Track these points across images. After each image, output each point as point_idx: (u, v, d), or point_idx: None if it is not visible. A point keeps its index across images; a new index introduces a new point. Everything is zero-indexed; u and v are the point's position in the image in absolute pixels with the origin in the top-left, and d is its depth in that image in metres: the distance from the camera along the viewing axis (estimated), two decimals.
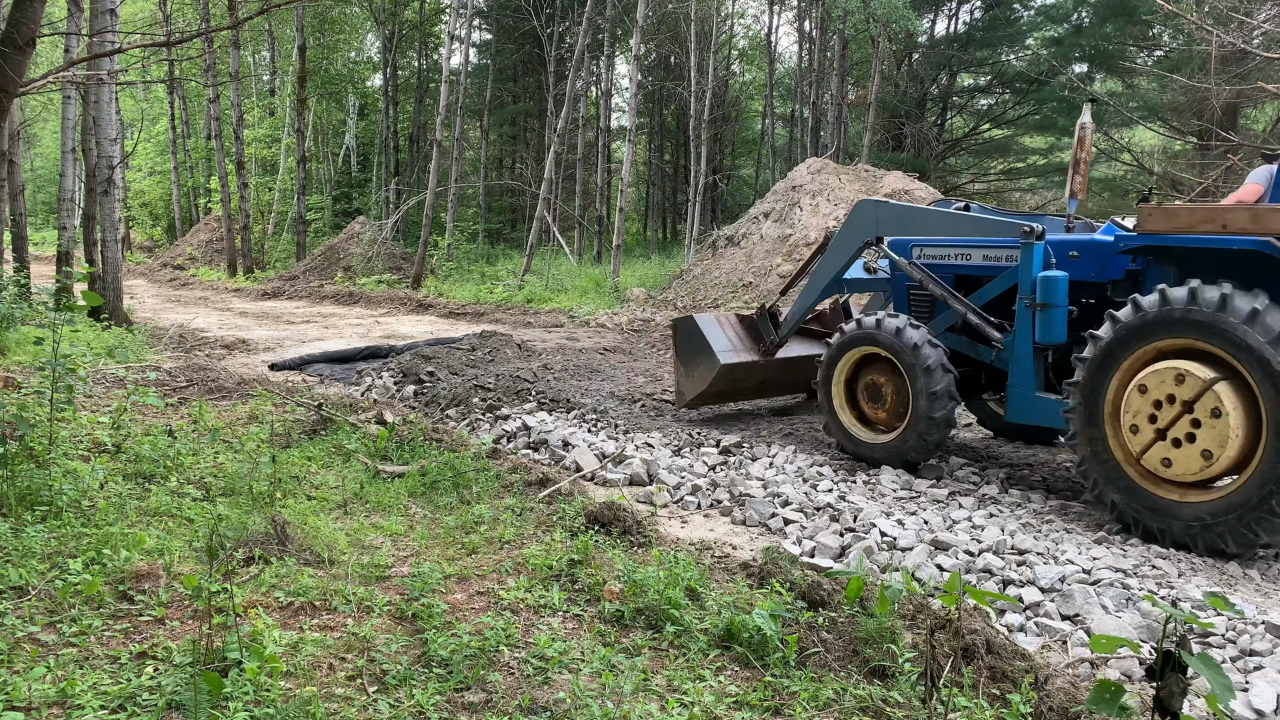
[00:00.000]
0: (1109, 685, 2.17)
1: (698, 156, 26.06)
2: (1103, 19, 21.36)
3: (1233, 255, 4.91)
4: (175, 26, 28.34)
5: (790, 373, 8.08)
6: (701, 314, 8.20)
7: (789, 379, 8.23)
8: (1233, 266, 4.93)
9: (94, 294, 5.53)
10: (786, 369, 8.00)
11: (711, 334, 7.73)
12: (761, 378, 8.04)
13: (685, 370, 7.99)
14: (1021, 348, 5.92)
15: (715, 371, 7.59)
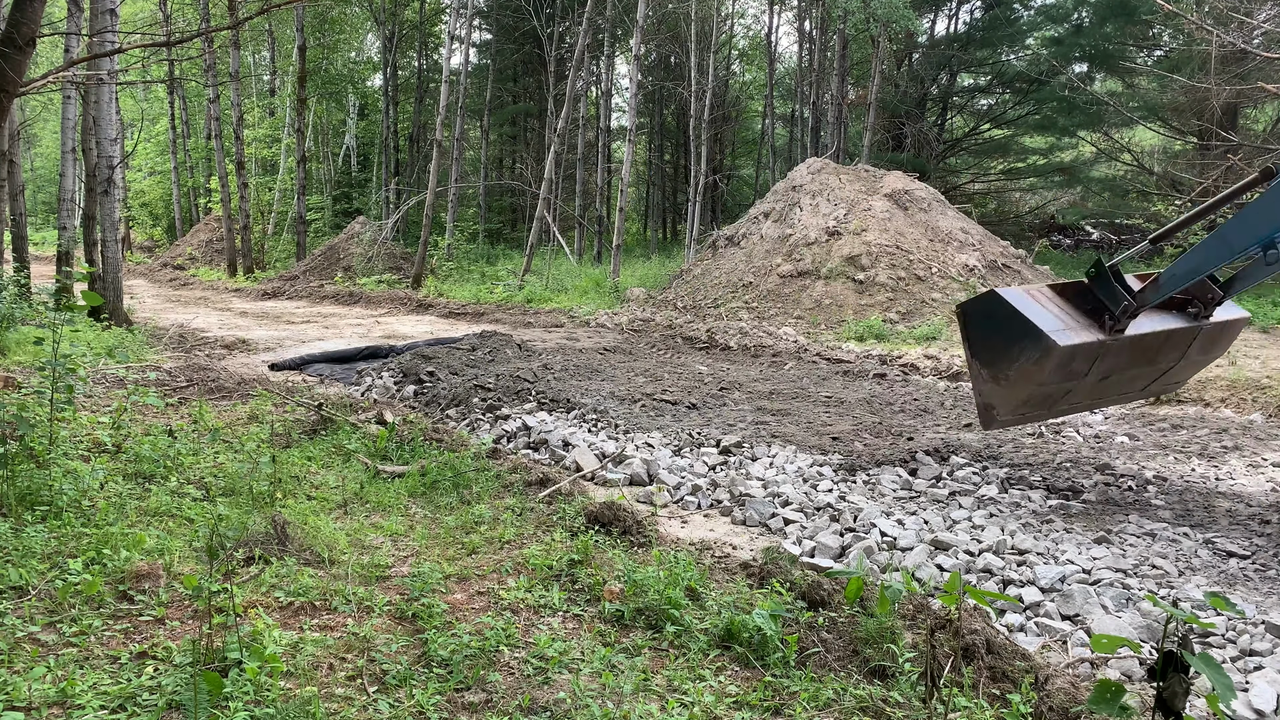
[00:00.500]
0: (1109, 685, 2.17)
1: (698, 156, 26.06)
2: (1103, 19, 21.35)
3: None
4: (175, 26, 28.34)
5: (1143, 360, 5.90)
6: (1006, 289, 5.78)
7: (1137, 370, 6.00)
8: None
9: (94, 294, 5.53)
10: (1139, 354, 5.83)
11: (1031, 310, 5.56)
12: (1105, 369, 5.82)
13: (991, 369, 5.82)
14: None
15: (1053, 359, 5.40)
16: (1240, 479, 6.56)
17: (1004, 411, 5.97)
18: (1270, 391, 8.78)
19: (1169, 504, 5.89)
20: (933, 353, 11.97)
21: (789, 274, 16.12)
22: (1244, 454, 7.23)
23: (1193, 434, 7.92)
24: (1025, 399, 5.79)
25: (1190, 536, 5.09)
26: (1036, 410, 6.08)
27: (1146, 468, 6.77)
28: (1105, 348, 5.63)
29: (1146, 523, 5.31)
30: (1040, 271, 16.79)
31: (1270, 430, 7.98)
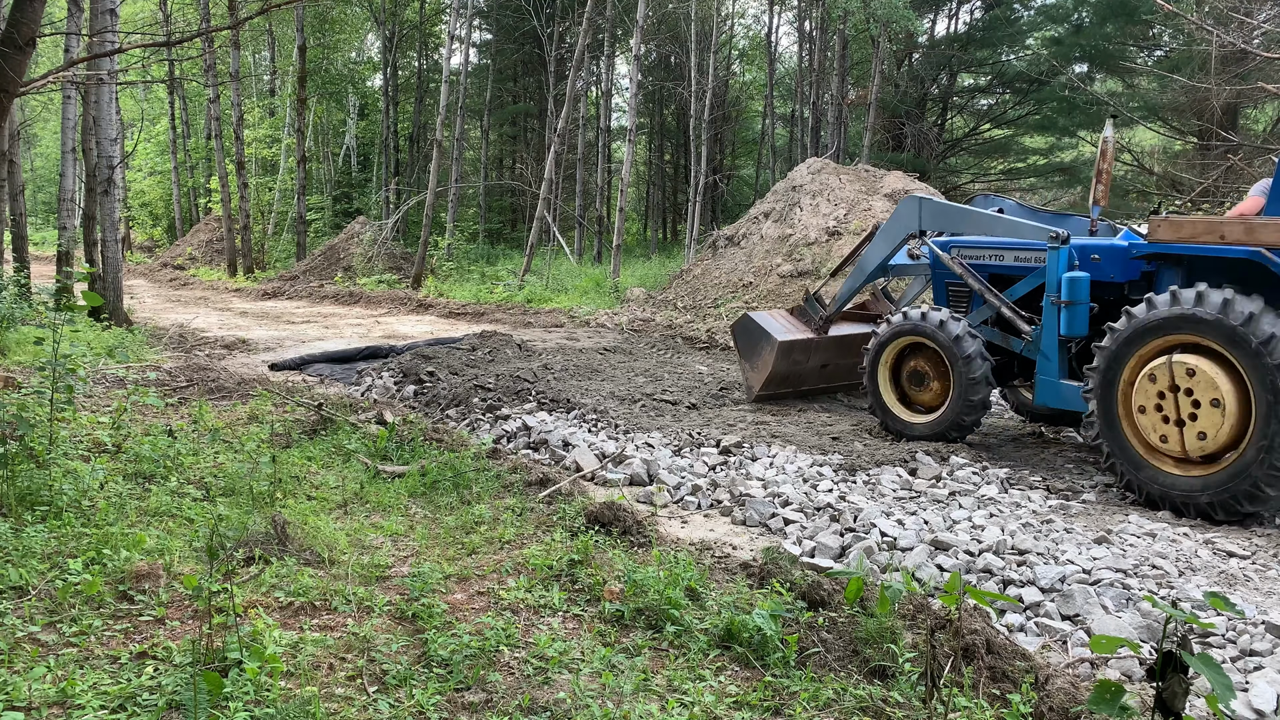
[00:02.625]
0: (1109, 685, 2.17)
1: (698, 156, 26.06)
2: (1103, 19, 21.34)
3: (1230, 263, 5.63)
4: (175, 26, 28.34)
5: (847, 353, 8.53)
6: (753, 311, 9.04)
7: (848, 360, 8.57)
8: (1231, 272, 5.63)
9: (94, 294, 5.53)
10: (843, 348, 8.54)
11: (767, 323, 8.52)
12: (821, 359, 8.61)
13: (749, 363, 8.68)
14: (1048, 340, 6.58)
15: (775, 350, 8.24)
16: None
17: (759, 388, 8.62)
18: None
19: None
20: None
21: (789, 274, 16.12)
22: None
23: None
24: (769, 378, 8.46)
25: (1190, 536, 5.09)
26: (781, 387, 8.66)
27: None
28: (815, 343, 8.51)
29: (1146, 523, 5.31)
30: None
31: None
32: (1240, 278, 5.55)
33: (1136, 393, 5.72)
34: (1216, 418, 5.34)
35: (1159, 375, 5.58)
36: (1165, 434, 5.58)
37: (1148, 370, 5.65)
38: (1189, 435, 5.46)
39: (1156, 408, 5.60)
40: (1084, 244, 6.62)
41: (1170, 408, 5.53)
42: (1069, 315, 6.29)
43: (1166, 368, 5.54)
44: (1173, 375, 5.52)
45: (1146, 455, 5.72)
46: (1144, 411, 5.67)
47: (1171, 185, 18.78)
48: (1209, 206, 14.51)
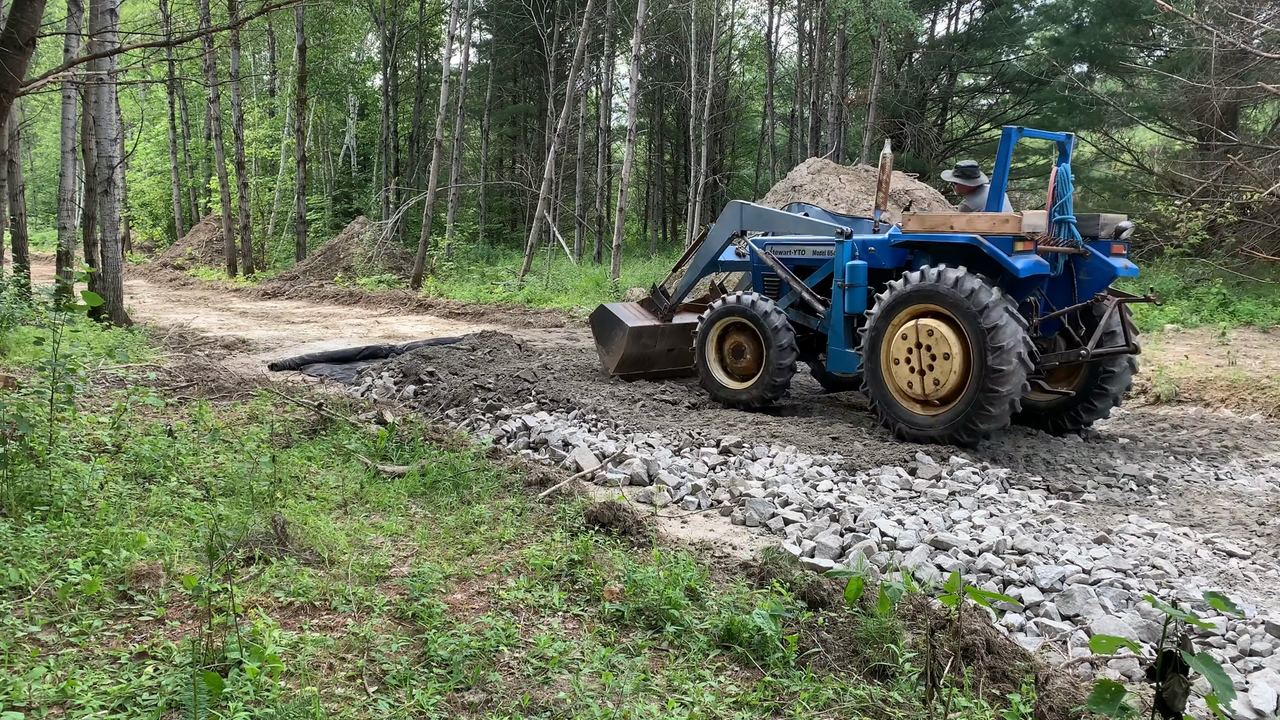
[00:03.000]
0: (1109, 685, 2.17)
1: (698, 156, 26.06)
2: (1103, 19, 21.32)
3: (959, 248, 7.09)
4: (175, 26, 28.34)
5: (690, 339, 9.47)
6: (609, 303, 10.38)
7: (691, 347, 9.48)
8: (961, 255, 7.07)
9: (94, 294, 5.53)
10: (686, 335, 9.60)
11: (620, 313, 9.71)
12: (669, 344, 9.82)
13: (605, 347, 9.83)
14: (836, 317, 7.99)
15: (627, 335, 9.44)
16: (1240, 479, 6.56)
17: (614, 369, 9.60)
18: (1270, 391, 8.78)
19: (1169, 504, 5.90)
20: None
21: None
22: (1244, 454, 7.23)
23: (1193, 434, 7.92)
24: (622, 360, 9.51)
25: (1190, 536, 5.09)
26: (633, 368, 9.66)
27: (1146, 468, 6.77)
28: (660, 329, 9.69)
29: (1146, 523, 5.31)
30: None
31: (1270, 430, 7.98)
32: (967, 259, 6.97)
33: (893, 349, 7.18)
34: (947, 368, 6.80)
35: (909, 335, 7.03)
36: (911, 381, 7.06)
37: (901, 330, 7.10)
38: (927, 382, 6.95)
39: (906, 361, 7.07)
40: (862, 239, 8.01)
41: (916, 360, 7.00)
42: (850, 296, 7.75)
43: (914, 329, 6.98)
44: (919, 334, 6.97)
45: (899, 399, 7.17)
46: (898, 363, 7.14)
47: (1171, 185, 18.76)
48: (1209, 206, 14.51)
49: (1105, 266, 7.22)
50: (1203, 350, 10.93)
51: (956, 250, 7.08)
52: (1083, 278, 7.29)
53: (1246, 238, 15.70)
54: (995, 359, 6.49)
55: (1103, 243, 7.34)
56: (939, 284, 6.82)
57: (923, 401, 7.03)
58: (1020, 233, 6.75)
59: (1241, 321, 12.71)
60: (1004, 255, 6.71)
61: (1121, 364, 7.41)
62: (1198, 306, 13.57)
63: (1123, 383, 7.50)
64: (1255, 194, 13.21)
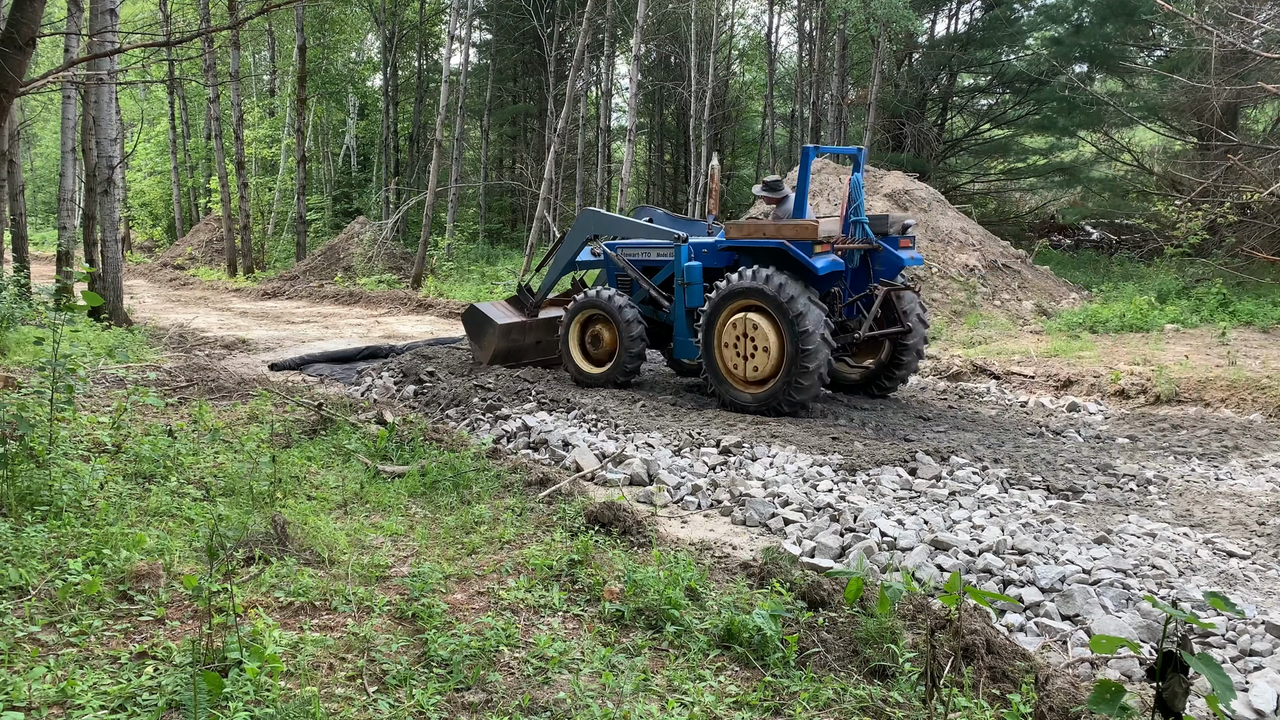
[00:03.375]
0: (1109, 685, 2.17)
1: (698, 156, 26.06)
2: (1103, 19, 21.30)
3: (771, 251, 8.25)
4: (175, 26, 28.33)
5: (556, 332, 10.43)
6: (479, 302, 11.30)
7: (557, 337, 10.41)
8: (774, 258, 8.23)
9: (94, 294, 5.53)
10: (553, 329, 10.56)
11: (490, 311, 10.51)
12: (536, 337, 10.70)
13: (478, 343, 10.53)
14: (678, 310, 9.13)
15: (497, 332, 10.22)
16: (1240, 479, 6.56)
17: (488, 360, 10.28)
18: (1270, 391, 8.78)
19: (1169, 504, 5.89)
20: (933, 352, 11.96)
21: None
22: (1244, 454, 7.23)
23: (1193, 434, 7.92)
24: (494, 355, 10.24)
25: (1190, 536, 5.09)
26: (505, 361, 10.37)
27: (1146, 468, 6.77)
28: (528, 324, 10.55)
29: (1146, 523, 5.31)
30: (1040, 271, 16.79)
31: (1270, 430, 7.98)
32: (778, 261, 8.15)
33: (723, 337, 8.36)
34: (764, 356, 8.12)
35: (736, 325, 8.25)
36: (737, 364, 8.33)
37: (730, 322, 8.31)
38: (749, 366, 8.24)
39: (734, 348, 8.28)
40: (697, 242, 9.22)
41: (741, 347, 8.24)
42: (689, 292, 8.87)
43: (739, 321, 8.22)
44: (743, 326, 8.19)
45: (728, 378, 8.42)
46: (727, 348, 8.36)
47: (1171, 185, 18.76)
48: (1209, 206, 14.51)
49: (894, 258, 8.69)
50: (1203, 350, 10.93)
51: (769, 253, 8.27)
52: (877, 268, 8.82)
53: (1246, 238, 15.70)
54: (803, 342, 7.85)
55: (892, 238, 8.75)
56: (756, 283, 8.04)
57: (748, 382, 8.32)
58: (818, 237, 8.06)
59: (1241, 321, 12.71)
60: (806, 257, 7.97)
61: (911, 339, 8.86)
62: (1198, 306, 13.58)
63: (910, 360, 9.02)
64: (1255, 194, 13.20)
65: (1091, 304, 14.67)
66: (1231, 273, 14.87)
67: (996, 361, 10.97)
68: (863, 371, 9.26)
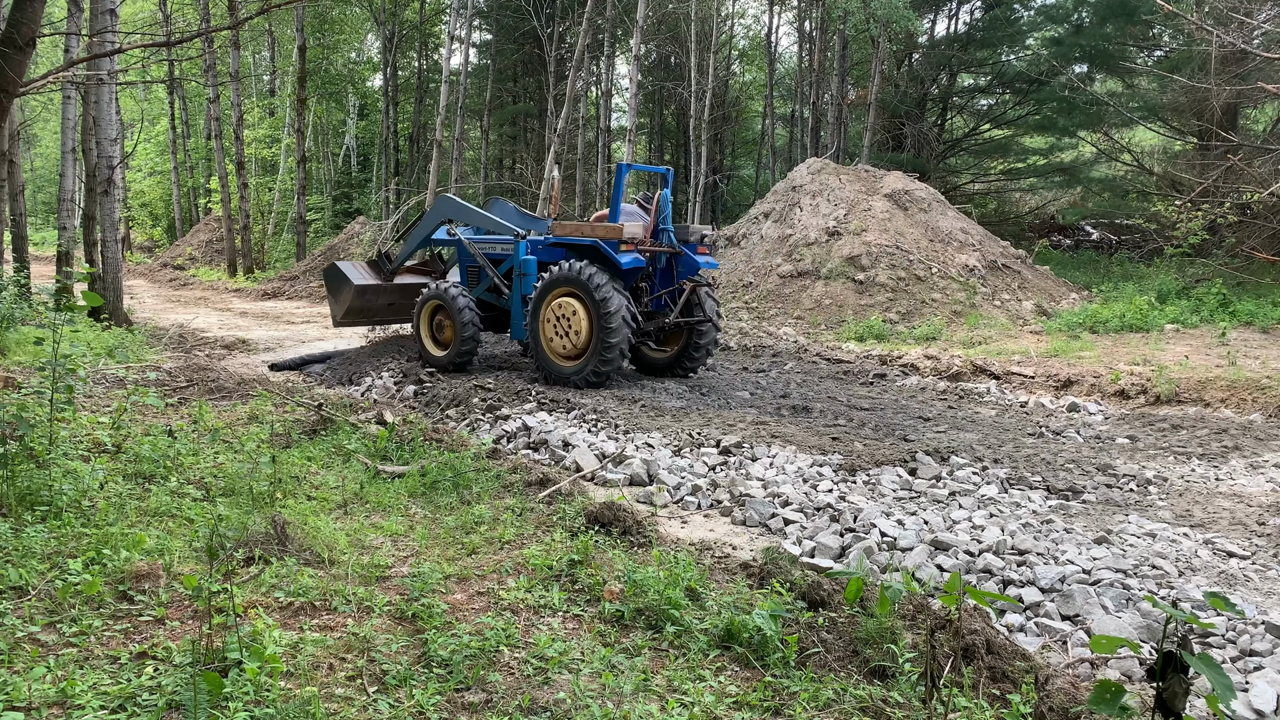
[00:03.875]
0: (1109, 685, 2.17)
1: (698, 156, 26.07)
2: (1103, 19, 21.30)
3: (586, 248, 9.69)
4: (175, 26, 28.33)
5: (408, 296, 11.48)
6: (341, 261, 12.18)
7: (408, 301, 11.45)
8: (590, 253, 9.63)
9: (94, 294, 5.53)
10: (405, 293, 11.59)
11: (349, 271, 11.49)
12: (389, 300, 11.70)
13: (335, 300, 11.55)
14: (515, 298, 10.28)
15: (352, 291, 11.20)
16: (1240, 479, 6.56)
17: (341, 317, 11.59)
18: (1270, 391, 8.78)
19: (1169, 504, 5.89)
20: (933, 353, 11.97)
21: (789, 274, 16.12)
22: (1244, 454, 7.23)
23: (1193, 434, 7.92)
24: (348, 311, 11.42)
25: (1190, 536, 5.09)
26: (358, 317, 11.79)
27: (1146, 468, 6.77)
28: (382, 288, 11.63)
29: (1146, 523, 5.31)
30: (1040, 271, 16.79)
31: (1270, 430, 7.98)
32: (592, 256, 9.54)
33: (546, 317, 9.59)
34: (576, 336, 9.32)
35: (557, 309, 9.49)
36: (554, 341, 9.52)
37: (552, 305, 9.55)
38: (565, 342, 9.41)
39: (555, 327, 9.50)
40: (532, 239, 10.48)
41: (560, 328, 9.45)
42: (524, 282, 10.10)
43: (559, 305, 9.46)
44: (562, 309, 9.43)
45: (549, 354, 9.60)
46: (548, 323, 9.58)
47: (1171, 185, 18.76)
48: (1209, 206, 14.51)
49: (692, 262, 10.00)
50: (1203, 350, 10.93)
51: (585, 249, 9.69)
52: (679, 269, 10.17)
53: (1246, 238, 15.70)
54: (606, 321, 9.09)
55: (691, 244, 10.05)
56: (572, 272, 9.28)
57: (564, 356, 9.51)
58: (622, 238, 9.35)
59: (1241, 321, 12.71)
60: (613, 253, 9.35)
61: (705, 332, 10.22)
62: (1198, 306, 13.58)
63: (706, 345, 10.32)
64: (1255, 194, 13.21)
65: (1091, 304, 14.68)
66: (1231, 273, 14.87)
67: (996, 362, 10.98)
68: (666, 356, 10.61)
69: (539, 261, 10.19)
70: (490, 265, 10.79)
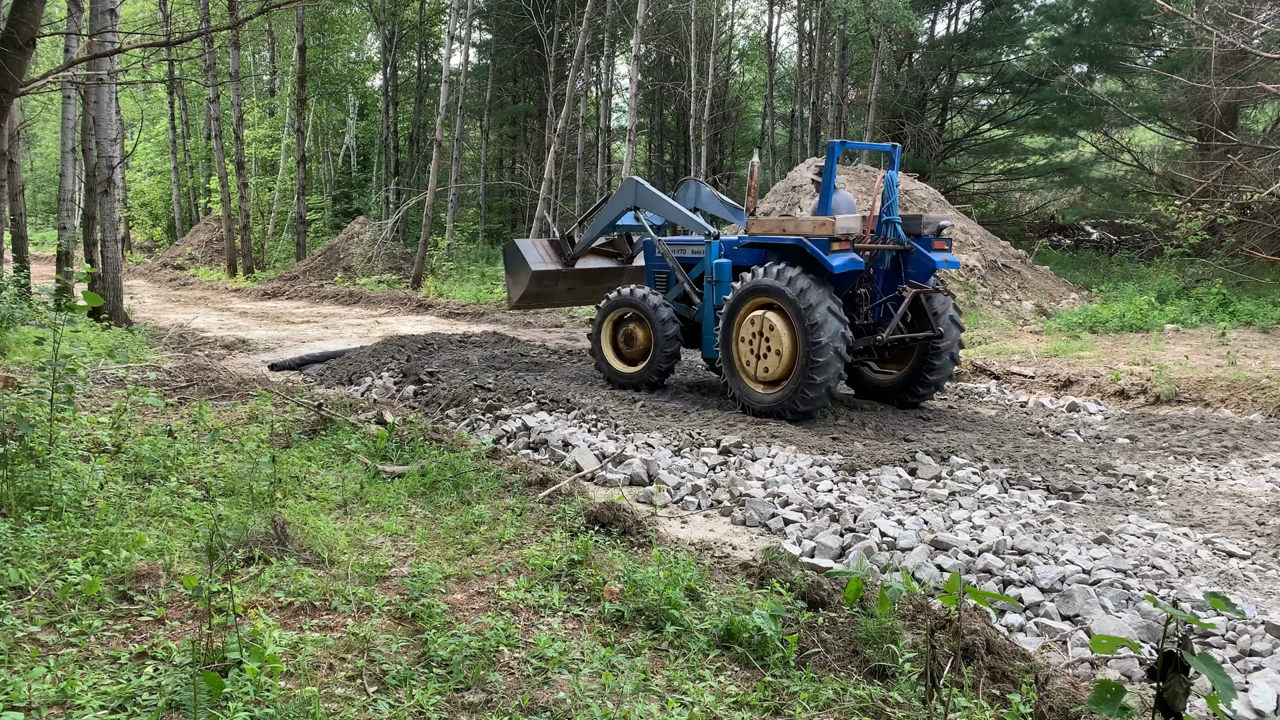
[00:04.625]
0: (1109, 685, 2.16)
1: (698, 156, 26.07)
2: (1103, 19, 21.29)
3: (790, 248, 8.04)
4: (175, 26, 28.33)
5: (590, 281, 11.00)
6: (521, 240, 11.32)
7: (590, 287, 11.05)
8: (792, 254, 8.04)
9: (94, 294, 5.53)
10: (587, 278, 10.97)
11: (528, 253, 10.67)
12: (569, 284, 10.96)
13: (511, 281, 10.88)
14: (707, 308, 8.92)
15: (529, 276, 10.46)
16: (1240, 479, 6.56)
17: (517, 301, 10.89)
18: (1270, 391, 8.78)
19: (1169, 504, 5.89)
20: None
21: None
22: (1244, 454, 7.23)
23: (1193, 434, 7.92)
24: (525, 294, 10.69)
25: (1190, 536, 5.09)
26: (535, 301, 11.07)
27: (1146, 468, 6.77)
28: (561, 273, 10.74)
29: (1146, 523, 5.31)
30: (1040, 271, 16.78)
31: (1270, 430, 7.98)
32: (797, 259, 7.92)
33: (740, 336, 8.18)
34: (777, 355, 7.90)
35: (753, 323, 8.06)
36: (751, 363, 8.11)
37: (747, 320, 8.13)
38: (763, 365, 8.02)
39: (751, 346, 8.09)
40: (727, 239, 9.03)
41: (756, 346, 8.04)
42: (717, 290, 8.71)
43: (756, 319, 8.03)
44: (759, 324, 8.00)
45: (744, 378, 8.20)
46: (743, 342, 8.16)
47: (1171, 185, 18.76)
48: (1209, 206, 14.51)
49: (927, 260, 8.25)
50: (1203, 350, 10.93)
51: (789, 250, 8.07)
52: (909, 270, 8.40)
53: (1246, 238, 15.70)
54: (815, 353, 7.57)
55: (925, 240, 8.32)
56: (770, 280, 7.85)
57: (762, 382, 8.11)
58: (835, 234, 7.70)
59: (1241, 321, 12.71)
60: (822, 254, 7.69)
61: (941, 349, 8.36)
62: (1198, 306, 13.57)
63: (943, 366, 8.47)
64: (1255, 194, 13.21)
65: (1091, 304, 14.67)
66: (1231, 273, 14.87)
67: (996, 361, 10.97)
68: (892, 378, 8.78)
69: (736, 265, 8.71)
70: (681, 269, 9.38)
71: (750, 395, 8.10)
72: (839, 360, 7.60)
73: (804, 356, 7.61)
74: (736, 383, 8.23)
